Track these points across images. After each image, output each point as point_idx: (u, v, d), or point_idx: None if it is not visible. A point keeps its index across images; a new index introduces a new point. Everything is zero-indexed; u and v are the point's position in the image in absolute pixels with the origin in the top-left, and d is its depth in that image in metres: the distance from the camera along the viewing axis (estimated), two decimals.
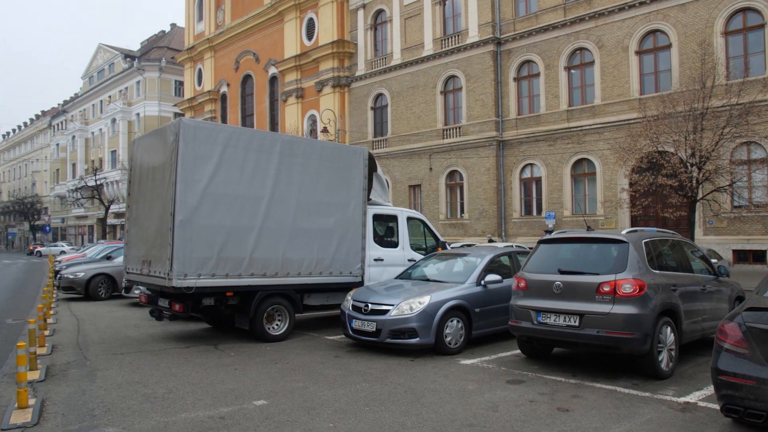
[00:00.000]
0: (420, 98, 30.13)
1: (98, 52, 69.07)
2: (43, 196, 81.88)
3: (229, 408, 5.92)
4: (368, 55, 33.15)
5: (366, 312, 8.56)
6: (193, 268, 8.56)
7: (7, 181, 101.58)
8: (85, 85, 72.73)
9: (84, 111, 70.71)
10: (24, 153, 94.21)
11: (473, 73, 27.61)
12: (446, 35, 29.05)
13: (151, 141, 9.79)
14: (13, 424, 5.38)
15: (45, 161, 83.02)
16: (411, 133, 30.63)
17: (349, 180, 10.72)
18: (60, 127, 77.76)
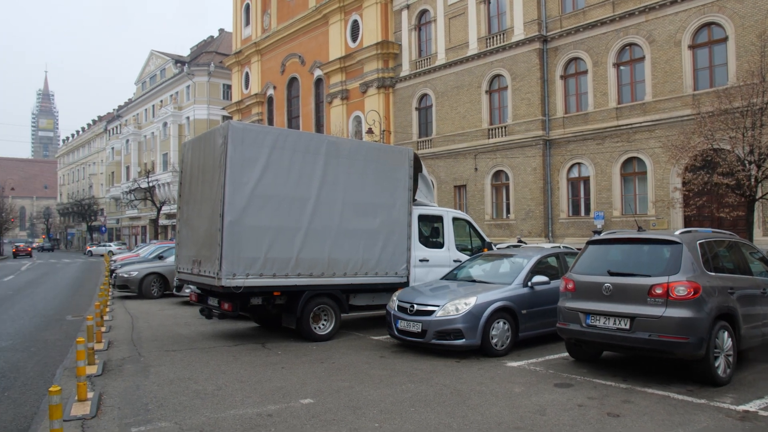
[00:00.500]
0: (465, 98, 29.93)
1: (150, 58, 71.27)
2: (99, 197, 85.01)
3: (277, 406, 6.01)
4: (412, 55, 33.12)
5: (411, 313, 8.55)
6: (241, 268, 8.73)
7: (67, 183, 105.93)
8: (138, 90, 75.13)
9: (137, 116, 73.02)
10: (82, 157, 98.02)
11: (519, 72, 27.23)
12: (491, 34, 28.75)
13: (201, 144, 10.03)
14: (73, 416, 5.61)
15: (101, 164, 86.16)
16: (456, 133, 30.44)
17: (395, 181, 10.74)
18: (115, 131, 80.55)
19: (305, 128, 40.13)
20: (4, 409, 6.12)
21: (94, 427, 5.39)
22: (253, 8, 46.62)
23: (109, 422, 5.53)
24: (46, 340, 10.16)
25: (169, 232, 58.22)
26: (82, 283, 23.05)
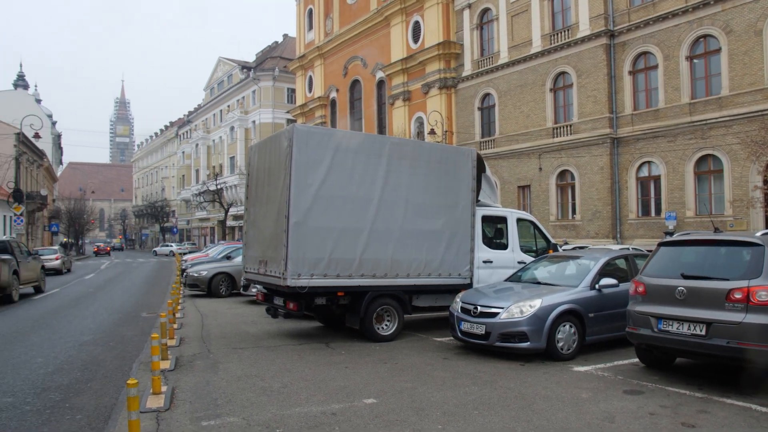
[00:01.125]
0: (528, 97, 29.40)
1: (218, 65, 73.70)
2: (171, 200, 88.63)
3: (340, 405, 6.09)
4: (474, 55, 32.82)
5: (475, 314, 8.48)
6: (306, 269, 8.89)
7: (141, 186, 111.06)
8: (206, 96, 77.83)
9: (206, 120, 75.66)
10: (155, 161, 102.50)
11: (584, 69, 26.50)
12: (555, 31, 28.11)
13: (267, 147, 10.28)
14: (149, 408, 5.88)
15: (173, 168, 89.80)
16: (519, 133, 29.95)
17: (458, 181, 10.67)
18: (185, 136, 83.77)
19: (368, 130, 40.47)
20: (87, 399, 6.49)
21: (167, 419, 5.62)
22: (316, 13, 47.42)
23: (182, 415, 5.75)
24: (123, 336, 10.67)
25: (236, 232, 59.97)
26: (156, 282, 24.07)
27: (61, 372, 7.80)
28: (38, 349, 9.36)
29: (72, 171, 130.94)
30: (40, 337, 10.60)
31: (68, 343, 9.93)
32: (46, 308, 15.07)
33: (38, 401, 6.42)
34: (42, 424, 5.67)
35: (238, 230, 59.53)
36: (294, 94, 56.06)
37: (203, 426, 5.43)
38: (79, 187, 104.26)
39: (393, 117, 38.21)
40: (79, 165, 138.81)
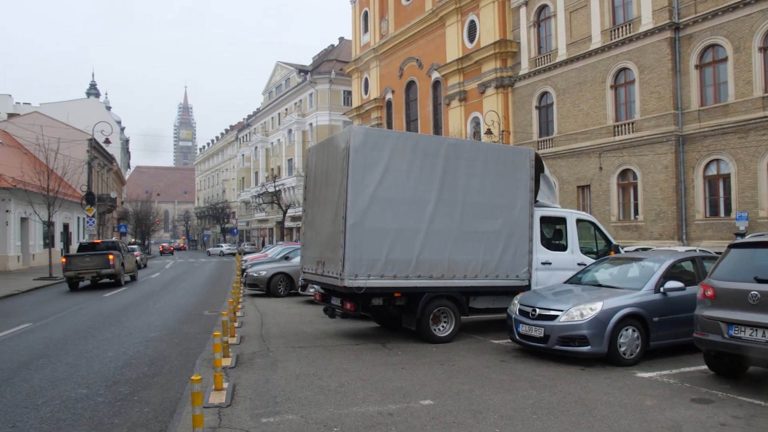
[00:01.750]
0: (588, 94, 28.65)
1: (276, 69, 75.24)
2: (231, 201, 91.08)
3: (397, 405, 6.10)
4: (531, 53, 32.25)
5: (533, 317, 8.33)
6: (363, 269, 8.95)
7: (203, 189, 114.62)
8: (265, 100, 79.60)
9: (264, 124, 77.36)
10: (216, 164, 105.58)
11: (647, 64, 25.59)
12: (615, 25, 27.28)
13: (324, 149, 10.41)
14: (211, 403, 6.07)
15: (233, 170, 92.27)
16: (578, 132, 29.22)
17: (515, 181, 10.52)
18: (245, 139, 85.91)
19: (423, 131, 40.41)
20: (154, 393, 6.75)
21: (228, 415, 5.78)
22: (372, 15, 47.71)
23: (242, 411, 5.90)
24: (186, 333, 11.05)
25: (294, 233, 60.99)
26: (217, 282, 24.78)
27: (129, 366, 8.15)
28: (109, 344, 9.81)
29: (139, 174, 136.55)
30: (110, 332, 11.11)
31: (136, 339, 10.37)
32: (118, 305, 15.76)
33: (109, 393, 6.73)
34: (113, 415, 5.94)
35: (296, 231, 60.56)
36: (350, 97, 56.61)
37: (263, 422, 5.55)
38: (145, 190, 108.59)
39: (449, 117, 38.01)
40: (145, 168, 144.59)
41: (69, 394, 6.74)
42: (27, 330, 11.68)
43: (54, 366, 8.23)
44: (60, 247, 41.11)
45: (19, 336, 10.97)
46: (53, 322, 12.82)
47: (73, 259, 21.57)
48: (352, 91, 53.40)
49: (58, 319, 13.28)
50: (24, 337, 10.88)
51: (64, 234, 43.12)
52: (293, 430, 5.37)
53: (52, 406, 6.28)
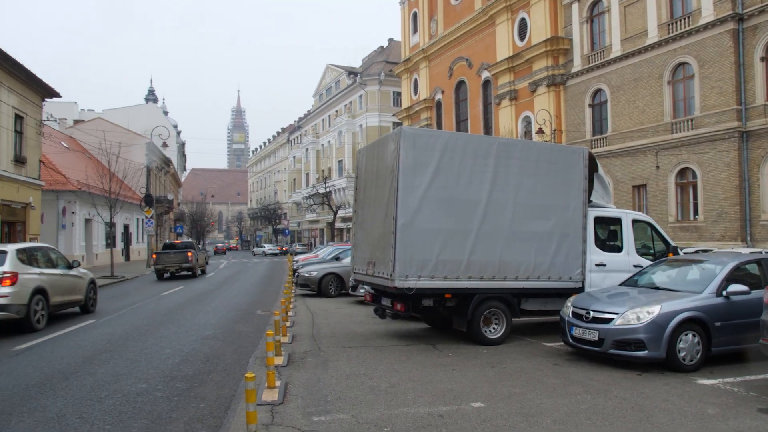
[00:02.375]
0: (644, 91, 27.79)
1: (326, 71, 76.14)
2: (283, 202, 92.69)
3: (448, 407, 6.07)
4: (584, 49, 31.53)
5: (587, 320, 8.14)
6: (413, 270, 8.95)
7: (256, 190, 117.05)
8: (315, 102, 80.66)
9: (315, 126, 78.40)
10: (268, 166, 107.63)
11: (708, 58, 24.63)
12: (673, 19, 26.36)
13: (374, 150, 10.46)
14: (264, 401, 6.19)
15: (284, 172, 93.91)
16: (634, 130, 28.38)
17: (569, 181, 10.32)
18: (296, 141, 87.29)
19: (473, 131, 40.11)
20: (209, 390, 6.94)
21: (281, 412, 5.88)
22: (421, 16, 47.66)
23: (294, 410, 5.99)
24: (240, 332, 11.30)
25: (345, 234, 61.54)
26: (269, 281, 25.24)
27: (186, 363, 8.40)
28: (167, 342, 10.14)
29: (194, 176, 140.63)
30: (168, 330, 11.48)
31: (192, 336, 10.68)
32: (175, 303, 16.27)
33: (167, 389, 6.96)
34: (171, 410, 6.14)
35: (346, 232, 61.09)
36: (399, 98, 56.71)
37: (314, 421, 5.62)
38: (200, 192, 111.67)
39: (499, 117, 37.59)
40: (200, 171, 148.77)
41: (130, 388, 7.01)
42: (91, 326, 12.19)
43: (116, 361, 8.57)
44: (120, 247, 42.76)
45: (84, 331, 11.47)
46: (115, 318, 13.34)
47: (161, 255, 27.51)
48: (402, 92, 53.46)
49: (120, 316, 13.81)
50: (88, 332, 11.37)
51: (125, 234, 44.83)
52: (344, 429, 5.42)
53: (114, 399, 6.54)
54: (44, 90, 29.42)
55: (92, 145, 39.31)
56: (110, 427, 5.62)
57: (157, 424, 5.70)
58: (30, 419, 5.89)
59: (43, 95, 29.97)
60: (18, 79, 26.53)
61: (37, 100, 29.29)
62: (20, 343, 10.13)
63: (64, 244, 32.96)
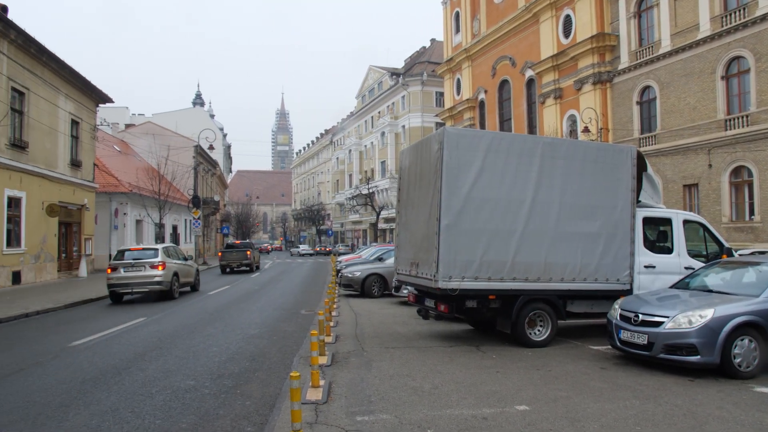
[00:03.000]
0: (695, 86, 26.90)
1: (369, 73, 76.46)
2: (326, 203, 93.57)
3: (492, 409, 6.01)
4: (632, 45, 30.74)
5: (636, 323, 7.93)
6: (457, 271, 8.90)
7: (300, 191, 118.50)
8: (358, 104, 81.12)
9: (358, 127, 78.84)
10: (311, 167, 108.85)
11: (765, 51, 23.65)
12: (727, 11, 25.42)
13: (417, 151, 10.45)
14: (308, 400, 6.26)
15: (327, 173, 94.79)
16: (684, 127, 27.51)
17: (616, 181, 10.08)
18: (339, 142, 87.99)
19: (517, 130, 39.64)
20: (255, 388, 7.06)
21: (325, 411, 5.93)
22: (463, 15, 47.37)
23: (338, 409, 6.03)
24: (284, 331, 11.45)
25: (388, 235, 61.66)
26: (313, 282, 25.51)
27: (232, 361, 8.56)
28: (213, 340, 10.37)
29: (239, 178, 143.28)
30: (215, 328, 11.74)
31: (238, 335, 10.88)
32: (221, 302, 16.62)
33: (214, 386, 7.12)
34: (218, 406, 6.27)
35: (389, 232, 61.21)
36: (442, 98, 56.49)
37: (358, 421, 5.65)
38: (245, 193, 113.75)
39: (543, 116, 37.02)
40: (245, 172, 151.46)
41: (179, 384, 7.19)
42: (142, 324, 12.57)
43: (165, 358, 8.82)
44: None
45: (135, 329, 11.83)
46: (164, 317, 13.72)
47: (226, 253, 33.93)
48: (445, 92, 53.23)
49: (168, 314, 14.20)
50: (139, 330, 11.73)
51: (173, 235, 46.04)
52: (387, 429, 5.42)
53: (164, 395, 6.72)
54: (98, 96, 30.53)
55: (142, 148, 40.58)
56: (160, 422, 5.78)
57: (205, 420, 5.83)
58: (86, 412, 6.11)
59: (97, 101, 31.10)
60: (75, 87, 27.60)
61: (91, 106, 30.40)
62: (77, 339, 10.53)
63: (116, 245, 34.07)
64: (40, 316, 14.41)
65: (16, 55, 21.71)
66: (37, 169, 23.48)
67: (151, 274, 17.17)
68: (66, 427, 5.65)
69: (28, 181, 22.74)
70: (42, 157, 24.03)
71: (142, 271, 17.15)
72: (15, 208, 21.99)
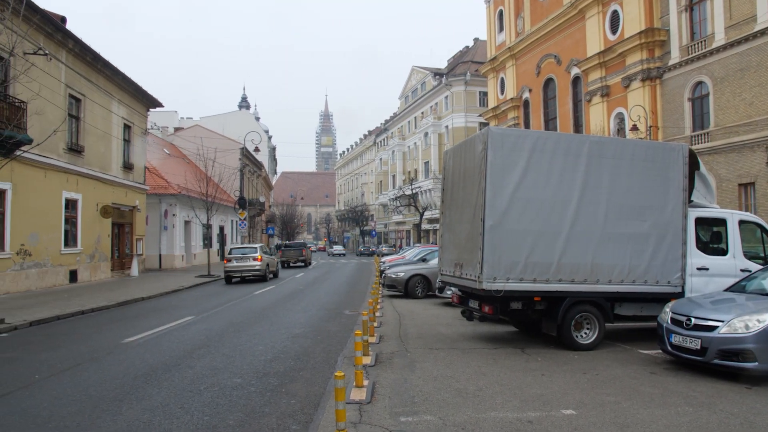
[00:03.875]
0: (751, 81, 25.85)
1: (412, 74, 76.45)
2: (369, 204, 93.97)
3: (537, 413, 5.93)
4: (683, 40, 29.78)
5: (688, 327, 7.68)
6: (501, 272, 8.82)
7: (343, 192, 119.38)
8: (401, 104, 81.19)
9: (401, 128, 78.90)
10: (355, 168, 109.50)
11: None
12: None
13: (461, 151, 10.38)
14: (352, 400, 6.30)
15: (371, 174, 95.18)
16: (740, 124, 26.47)
17: (667, 180, 9.79)
18: (382, 143, 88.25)
19: (563, 129, 38.95)
20: (300, 386, 7.15)
21: (369, 411, 5.96)
22: (506, 13, 46.84)
23: (382, 409, 6.05)
24: (329, 331, 11.56)
25: (431, 236, 61.50)
26: (356, 282, 25.65)
27: (277, 360, 8.69)
28: (259, 339, 10.55)
29: (284, 179, 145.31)
30: (261, 327, 11.94)
31: (283, 334, 11.04)
32: (267, 302, 16.90)
33: (260, 384, 7.24)
34: (264, 404, 6.38)
35: (432, 233, 61.04)
36: (486, 98, 56.01)
37: (401, 421, 5.66)
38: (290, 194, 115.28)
39: (590, 114, 36.24)
40: (290, 174, 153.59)
41: (226, 382, 7.35)
42: (190, 322, 12.90)
43: (213, 356, 9.02)
44: (216, 247, 44.91)
45: (184, 327, 12.14)
46: (212, 315, 14.03)
47: (285, 251, 41.71)
48: (488, 91, 52.74)
49: (216, 313, 14.52)
50: (188, 328, 12.04)
51: (220, 235, 47.07)
52: (431, 431, 5.41)
53: (212, 392, 6.88)
54: (149, 101, 31.50)
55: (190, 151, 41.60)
56: (208, 418, 5.91)
57: (251, 417, 5.94)
58: (138, 407, 6.31)
59: (148, 105, 32.10)
60: (127, 92, 28.57)
61: (142, 111, 31.39)
62: (129, 336, 10.89)
63: (165, 245, 35.10)
64: (95, 313, 14.95)
65: (73, 63, 22.61)
66: (92, 171, 24.37)
67: (253, 264, 25.17)
68: (120, 421, 5.85)
69: (84, 184, 23.62)
70: (96, 161, 24.93)
71: (247, 263, 25.16)
72: (72, 210, 22.89)
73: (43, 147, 17.51)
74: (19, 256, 19.06)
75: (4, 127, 13.43)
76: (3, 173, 15.50)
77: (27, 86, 17.02)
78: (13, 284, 18.66)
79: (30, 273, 19.67)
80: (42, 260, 20.47)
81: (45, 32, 20.14)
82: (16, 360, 8.96)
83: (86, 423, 5.80)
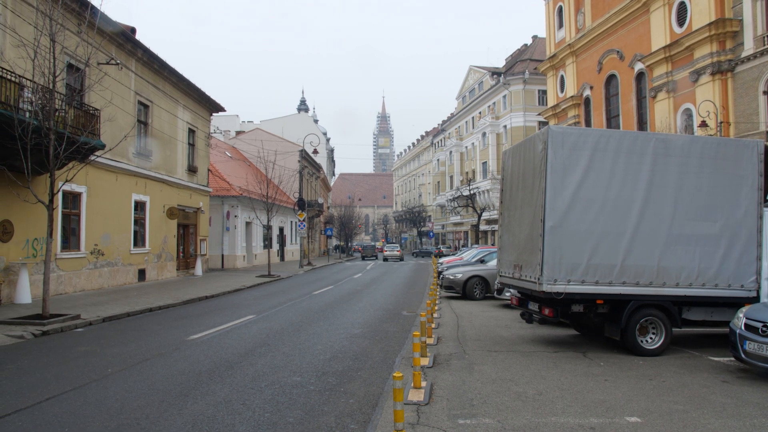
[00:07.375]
0: None
1: (469, 73, 75.79)
2: (427, 205, 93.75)
3: (600, 419, 5.77)
4: (758, 30, 28.27)
5: (764, 334, 7.29)
6: (562, 274, 8.63)
7: (401, 193, 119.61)
8: (459, 104, 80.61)
9: (459, 128, 78.33)
10: (412, 169, 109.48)
11: None
12: None
13: (520, 151, 10.22)
14: (410, 401, 6.31)
15: (428, 175, 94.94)
16: None
17: (739, 178, 9.34)
18: (440, 144, 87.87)
19: (626, 127, 37.71)
20: (358, 386, 7.21)
21: (426, 413, 5.94)
22: (566, 9, 45.77)
23: (439, 411, 6.03)
24: (386, 331, 11.60)
25: (489, 237, 60.79)
26: (414, 283, 25.64)
27: (336, 359, 8.79)
28: (318, 338, 10.70)
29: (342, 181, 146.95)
30: (319, 327, 12.11)
31: (341, 334, 11.16)
32: (325, 302, 17.13)
33: (319, 383, 7.34)
34: (323, 403, 6.46)
35: (491, 234, 60.33)
36: (545, 96, 54.91)
37: (459, 424, 5.62)
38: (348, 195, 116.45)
39: (655, 111, 34.93)
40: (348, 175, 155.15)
41: (286, 380, 7.49)
42: (251, 321, 13.21)
43: (273, 354, 9.21)
44: (276, 248, 45.87)
45: (246, 326, 12.46)
46: (272, 315, 14.33)
47: (365, 249, 64.82)
48: (547, 90, 51.66)
49: (276, 312, 14.82)
50: (249, 327, 12.34)
51: (280, 236, 48.03)
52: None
53: (272, 389, 7.03)
54: (212, 106, 32.53)
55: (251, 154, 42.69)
56: (269, 415, 6.04)
57: (311, 415, 6.03)
58: (202, 402, 6.52)
59: (211, 110, 33.15)
60: (191, 98, 29.60)
61: (206, 115, 32.45)
62: (193, 334, 11.27)
63: (228, 245, 36.12)
64: (162, 310, 15.54)
65: (141, 71, 23.61)
66: (159, 175, 25.36)
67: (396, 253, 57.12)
68: (186, 414, 6.06)
69: (152, 186, 24.61)
70: (163, 164, 25.93)
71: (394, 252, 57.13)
72: (140, 211, 23.88)
73: (114, 152, 18.39)
74: (93, 255, 20.04)
75: (80, 134, 14.14)
76: (79, 177, 16.33)
77: (100, 94, 17.92)
78: (87, 282, 19.64)
79: (102, 272, 20.65)
80: (113, 259, 21.46)
81: (116, 43, 21.12)
82: (90, 354, 9.42)
83: (154, 416, 6.03)
